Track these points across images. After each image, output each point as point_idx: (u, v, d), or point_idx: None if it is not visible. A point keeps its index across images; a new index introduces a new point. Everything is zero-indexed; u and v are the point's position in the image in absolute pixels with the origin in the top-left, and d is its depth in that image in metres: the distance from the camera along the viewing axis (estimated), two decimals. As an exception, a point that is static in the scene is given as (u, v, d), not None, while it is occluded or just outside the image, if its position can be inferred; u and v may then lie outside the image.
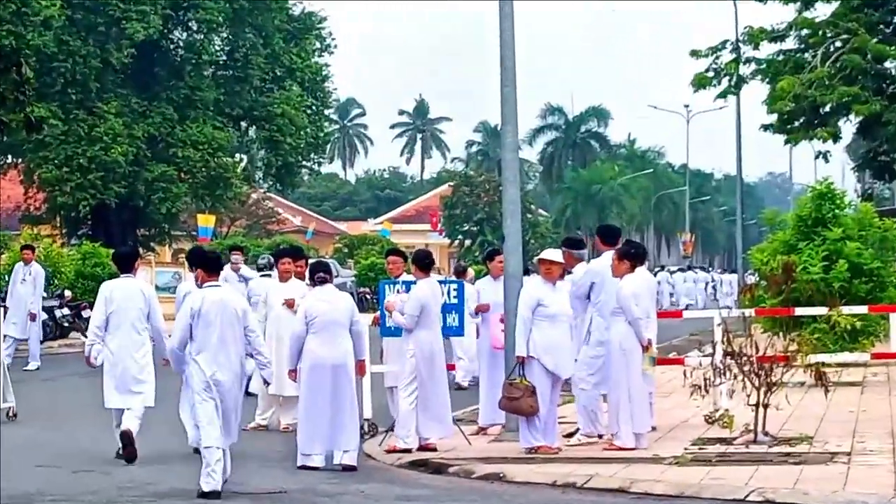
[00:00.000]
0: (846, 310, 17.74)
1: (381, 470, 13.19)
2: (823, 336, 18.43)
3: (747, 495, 10.91)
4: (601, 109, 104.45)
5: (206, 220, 46.24)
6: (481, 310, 15.56)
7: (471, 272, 24.00)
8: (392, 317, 14.02)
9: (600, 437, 13.95)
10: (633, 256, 13.70)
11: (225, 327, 11.69)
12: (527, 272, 16.53)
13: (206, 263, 12.34)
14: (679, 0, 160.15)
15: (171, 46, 47.70)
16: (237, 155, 52.08)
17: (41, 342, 26.35)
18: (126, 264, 14.23)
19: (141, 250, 43.21)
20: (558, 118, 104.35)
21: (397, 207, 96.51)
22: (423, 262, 13.99)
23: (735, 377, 13.62)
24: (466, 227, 76.19)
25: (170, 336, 12.16)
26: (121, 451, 13.52)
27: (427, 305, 13.74)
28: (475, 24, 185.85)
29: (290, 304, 15.76)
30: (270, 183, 53.29)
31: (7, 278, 28.42)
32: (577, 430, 14.17)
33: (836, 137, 30.67)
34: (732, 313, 15.81)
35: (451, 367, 19.00)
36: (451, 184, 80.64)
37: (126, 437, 13.43)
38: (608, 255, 14.00)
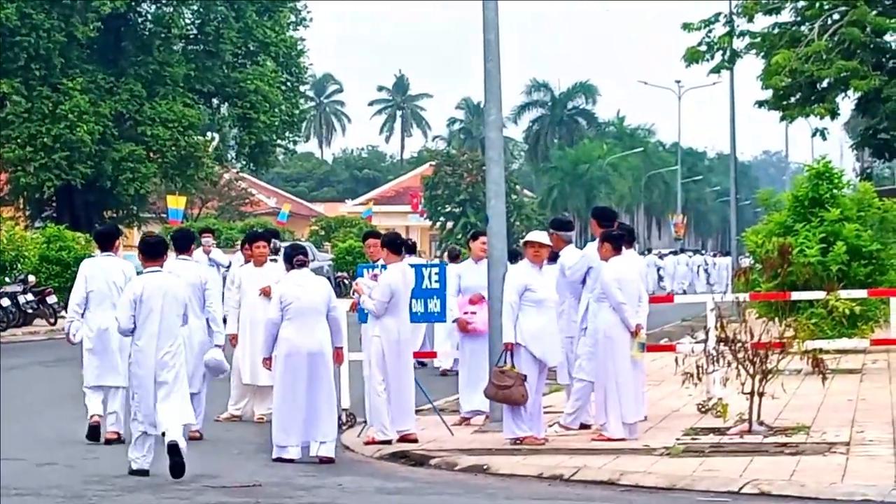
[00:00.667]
0: (844, 294, 17.61)
1: (359, 462, 13.02)
2: (821, 321, 18.35)
3: (741, 487, 10.79)
4: (589, 85, 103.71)
5: (176, 202, 45.69)
6: (474, 302, 15.07)
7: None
8: (361, 300, 13.73)
9: (584, 427, 13.69)
10: (614, 239, 13.48)
11: (167, 313, 11.75)
12: (514, 255, 16.18)
13: (144, 249, 12.28)
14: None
15: (139, 20, 47.26)
16: (208, 133, 51.74)
17: (4, 329, 25.98)
18: (107, 242, 14.37)
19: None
20: (544, 94, 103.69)
21: (376, 188, 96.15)
22: (394, 244, 13.70)
23: (729, 364, 13.47)
24: (448, 209, 75.97)
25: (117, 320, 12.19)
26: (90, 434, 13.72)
27: (397, 291, 13.47)
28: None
29: (265, 293, 15.48)
30: (243, 163, 53.00)
31: None
32: (555, 423, 13.93)
33: (833, 114, 30.49)
34: (726, 298, 15.48)
35: (431, 355, 18.73)
36: (433, 163, 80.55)
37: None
38: (604, 239, 13.90)
